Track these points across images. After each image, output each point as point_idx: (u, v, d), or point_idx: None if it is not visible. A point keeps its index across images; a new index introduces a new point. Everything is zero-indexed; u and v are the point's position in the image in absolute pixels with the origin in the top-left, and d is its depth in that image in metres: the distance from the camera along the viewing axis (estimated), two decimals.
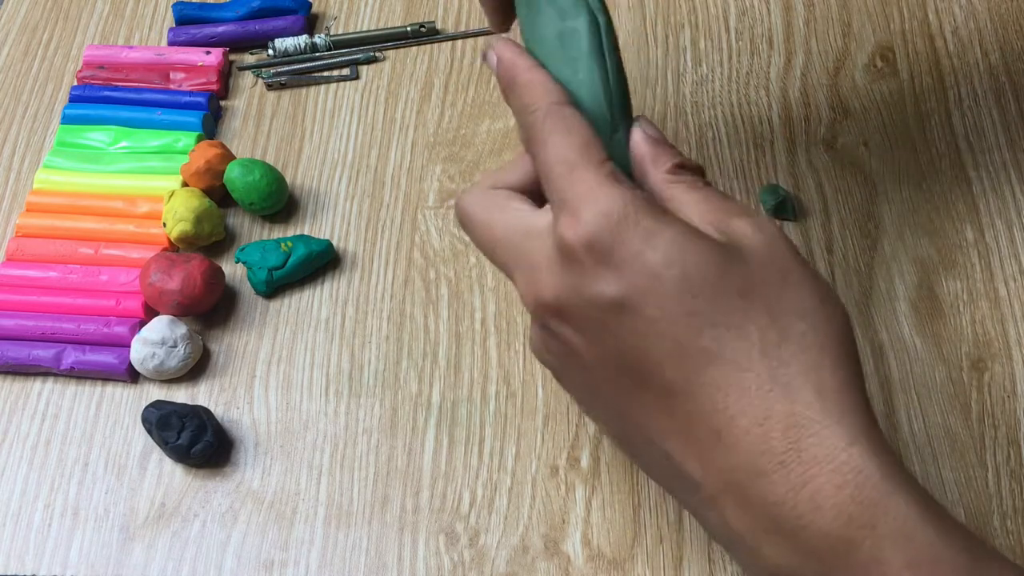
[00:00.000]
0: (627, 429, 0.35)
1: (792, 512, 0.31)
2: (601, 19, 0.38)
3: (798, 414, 0.31)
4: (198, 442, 0.48)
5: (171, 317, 0.52)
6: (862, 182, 0.56)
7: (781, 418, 0.31)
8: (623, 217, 0.33)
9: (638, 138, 0.38)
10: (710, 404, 0.32)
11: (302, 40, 0.63)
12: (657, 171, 0.37)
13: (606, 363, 0.34)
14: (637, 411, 0.34)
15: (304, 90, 0.62)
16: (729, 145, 0.58)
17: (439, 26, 0.64)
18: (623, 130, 0.38)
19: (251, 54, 0.64)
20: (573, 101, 0.37)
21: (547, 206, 0.36)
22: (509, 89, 0.39)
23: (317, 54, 0.63)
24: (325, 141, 0.60)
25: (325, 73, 0.63)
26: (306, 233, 0.56)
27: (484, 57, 0.41)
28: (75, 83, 0.63)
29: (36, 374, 0.53)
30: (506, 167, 0.39)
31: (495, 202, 0.38)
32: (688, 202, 0.35)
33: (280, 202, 0.56)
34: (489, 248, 0.38)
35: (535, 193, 0.38)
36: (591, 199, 0.33)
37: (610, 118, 0.38)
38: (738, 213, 0.35)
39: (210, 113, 0.60)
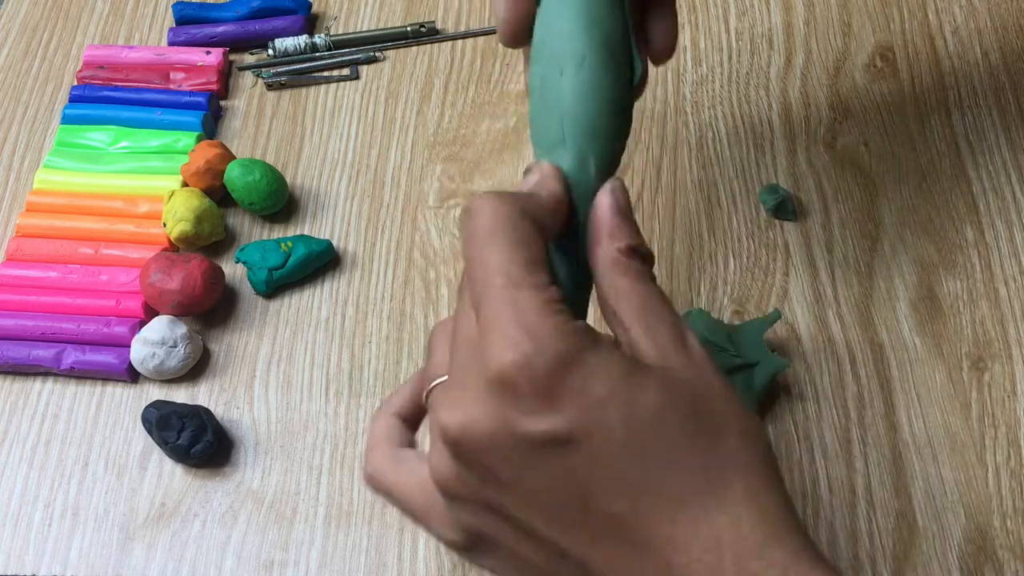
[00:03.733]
0: (562, 570, 0.34)
1: None
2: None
3: (745, 538, 0.31)
4: (198, 442, 0.48)
5: (171, 317, 0.52)
6: (862, 182, 0.56)
7: (730, 544, 0.31)
8: (566, 352, 0.31)
9: (604, 204, 0.36)
10: (659, 534, 0.31)
11: (302, 40, 0.63)
12: (610, 246, 0.35)
13: (540, 500, 0.32)
14: (577, 548, 0.33)
15: (304, 90, 0.62)
16: (729, 145, 0.58)
17: (439, 26, 0.64)
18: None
19: (251, 54, 0.64)
20: (537, 208, 0.35)
21: (421, 449, 0.37)
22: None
23: (317, 54, 0.63)
24: (325, 141, 0.60)
25: (325, 73, 0.63)
26: (306, 233, 0.56)
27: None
28: (75, 83, 0.63)
29: (36, 374, 0.53)
30: (397, 391, 0.39)
31: (391, 465, 0.37)
32: (626, 296, 0.34)
33: (280, 202, 0.56)
34: (404, 510, 0.37)
35: (416, 414, 0.39)
36: (532, 330, 0.31)
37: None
38: (670, 336, 0.34)
39: (210, 113, 0.60)
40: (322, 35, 0.63)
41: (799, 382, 0.50)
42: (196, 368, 0.52)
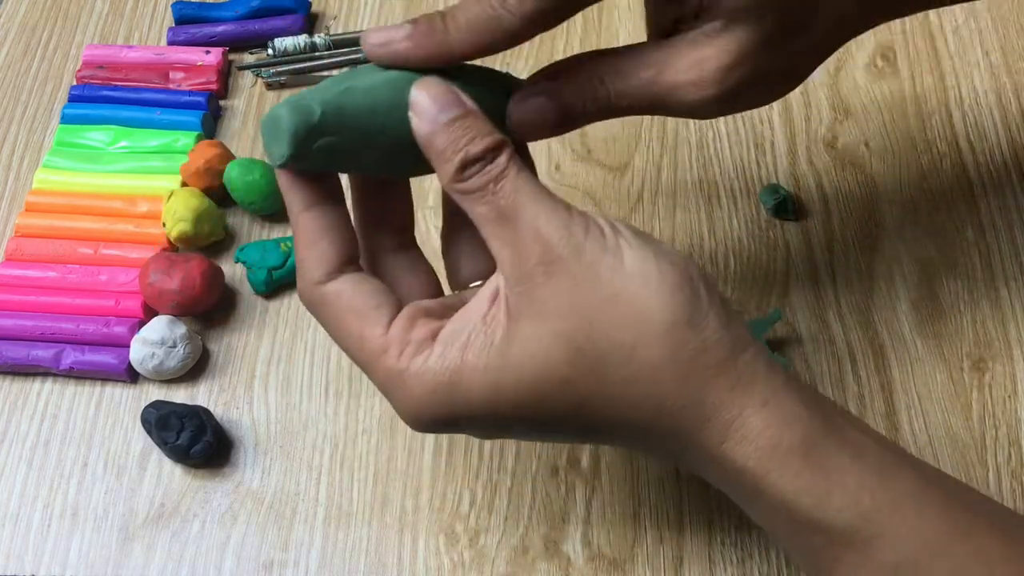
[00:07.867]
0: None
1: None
2: None
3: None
4: (197, 442, 0.48)
5: (170, 317, 0.52)
6: (863, 182, 0.56)
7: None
8: (430, 404, 0.36)
9: (421, 118, 0.34)
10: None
11: (302, 40, 0.63)
12: (444, 173, 0.34)
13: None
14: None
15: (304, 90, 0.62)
16: (729, 145, 0.58)
17: None
18: None
19: (251, 53, 0.64)
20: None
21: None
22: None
23: (317, 54, 0.63)
24: None
25: (325, 73, 0.63)
26: None
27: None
28: (74, 83, 0.63)
29: (35, 374, 0.53)
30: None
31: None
32: (485, 223, 0.34)
33: (280, 202, 0.56)
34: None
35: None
36: (400, 399, 0.37)
37: None
38: (538, 247, 0.33)
39: (209, 113, 0.60)
40: (322, 35, 0.63)
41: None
42: (195, 368, 0.52)
